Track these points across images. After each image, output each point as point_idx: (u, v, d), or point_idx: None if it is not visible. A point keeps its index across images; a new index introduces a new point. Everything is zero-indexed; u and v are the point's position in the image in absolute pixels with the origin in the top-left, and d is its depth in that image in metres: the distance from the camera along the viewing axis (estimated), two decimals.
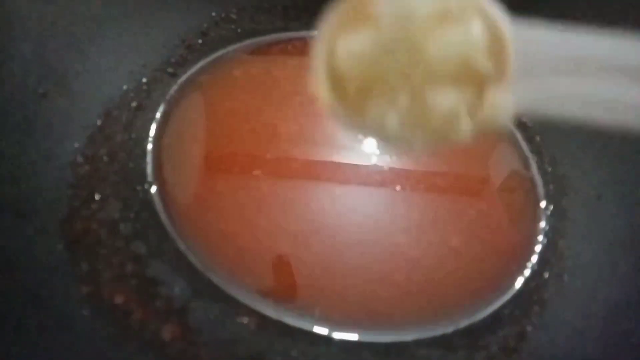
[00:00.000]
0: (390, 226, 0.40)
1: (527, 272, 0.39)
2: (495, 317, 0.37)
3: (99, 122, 0.40)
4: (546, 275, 0.39)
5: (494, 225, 0.41)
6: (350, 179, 0.42)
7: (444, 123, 0.19)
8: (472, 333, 0.36)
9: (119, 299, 0.32)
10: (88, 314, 0.30)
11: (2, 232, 0.31)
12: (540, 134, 0.46)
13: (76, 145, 0.38)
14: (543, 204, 0.43)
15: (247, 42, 0.49)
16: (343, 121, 0.21)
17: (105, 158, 0.39)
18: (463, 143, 0.20)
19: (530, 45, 0.19)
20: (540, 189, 0.44)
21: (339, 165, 0.42)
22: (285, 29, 0.50)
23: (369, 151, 0.43)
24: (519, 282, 0.38)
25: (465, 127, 0.19)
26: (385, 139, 0.21)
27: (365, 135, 0.32)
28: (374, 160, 0.43)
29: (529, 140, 0.46)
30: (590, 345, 0.34)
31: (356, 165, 0.42)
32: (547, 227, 0.41)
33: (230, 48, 0.48)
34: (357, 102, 0.20)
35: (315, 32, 0.20)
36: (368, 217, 0.40)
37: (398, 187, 0.41)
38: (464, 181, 0.44)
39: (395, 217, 0.40)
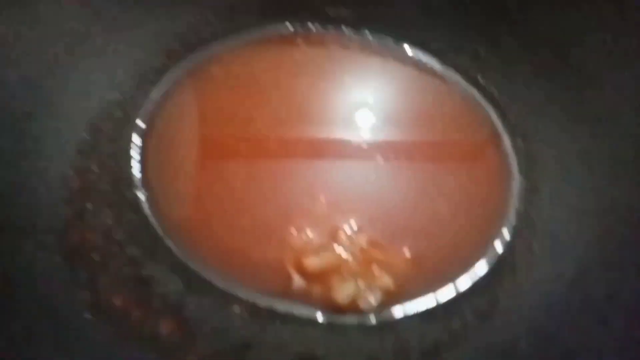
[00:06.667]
0: (375, 202, 0.42)
1: (499, 242, 0.41)
2: (470, 285, 0.39)
3: (86, 136, 0.42)
4: (517, 244, 0.41)
5: (469, 197, 0.43)
6: (332, 164, 0.44)
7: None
8: (447, 302, 0.38)
9: (117, 301, 0.34)
10: (90, 318, 0.33)
11: (3, 251, 0.33)
12: (513, 112, 0.48)
13: (66, 160, 0.40)
14: (516, 177, 0.45)
15: (225, 41, 0.50)
16: None
17: (95, 169, 0.41)
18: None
19: None
20: (513, 163, 0.46)
21: (323, 151, 0.45)
22: (261, 25, 0.51)
23: (348, 137, 0.45)
24: (492, 251, 0.41)
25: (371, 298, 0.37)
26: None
27: None
28: (355, 141, 0.45)
29: (502, 117, 0.48)
30: (557, 308, 0.36)
31: (338, 149, 0.45)
32: (519, 199, 0.44)
33: (209, 49, 0.50)
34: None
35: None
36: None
37: (379, 165, 0.44)
38: (442, 153, 0.46)
39: (379, 193, 0.42)
